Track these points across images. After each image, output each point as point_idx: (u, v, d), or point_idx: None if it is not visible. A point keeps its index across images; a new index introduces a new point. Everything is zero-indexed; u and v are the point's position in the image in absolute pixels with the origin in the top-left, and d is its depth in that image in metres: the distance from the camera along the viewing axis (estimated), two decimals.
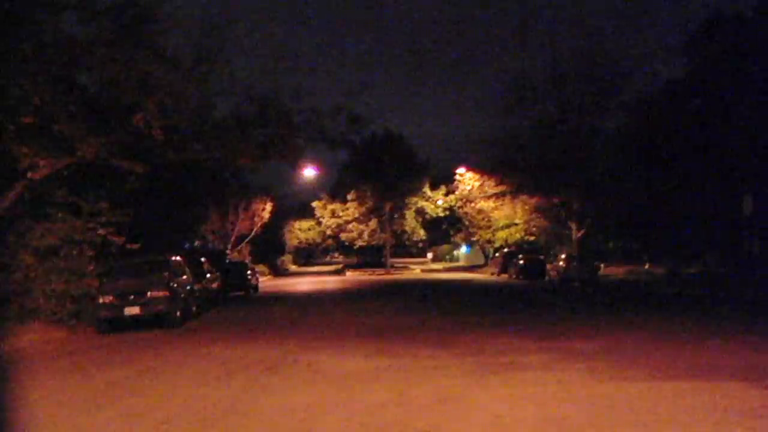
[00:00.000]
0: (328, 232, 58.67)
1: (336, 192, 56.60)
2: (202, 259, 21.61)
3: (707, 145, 28.19)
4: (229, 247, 41.08)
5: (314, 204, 57.55)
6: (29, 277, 15.32)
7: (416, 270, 53.99)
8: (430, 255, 78.23)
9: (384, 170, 51.03)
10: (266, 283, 38.30)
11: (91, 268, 16.62)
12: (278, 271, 56.09)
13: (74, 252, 16.26)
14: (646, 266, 35.23)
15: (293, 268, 69.35)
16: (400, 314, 17.13)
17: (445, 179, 53.83)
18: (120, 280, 15.78)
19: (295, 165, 21.42)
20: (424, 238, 61.29)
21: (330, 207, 56.20)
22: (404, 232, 56.39)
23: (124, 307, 14.95)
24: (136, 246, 17.83)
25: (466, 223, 51.66)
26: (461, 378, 8.22)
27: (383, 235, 53.42)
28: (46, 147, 14.31)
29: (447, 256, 72.84)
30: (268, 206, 45.34)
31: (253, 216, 44.09)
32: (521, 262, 36.06)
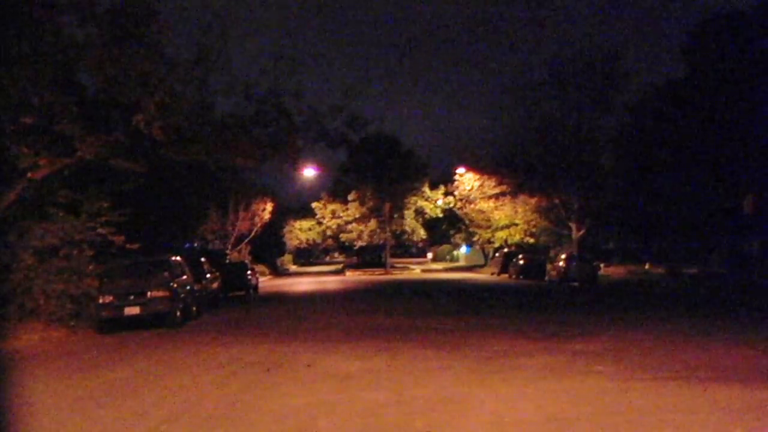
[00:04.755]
0: (329, 232, 58.68)
1: (336, 192, 56.60)
2: (202, 259, 21.60)
3: (707, 145, 28.21)
4: (229, 247, 41.05)
5: (314, 205, 57.58)
6: (29, 277, 15.30)
7: (416, 270, 53.97)
8: (430, 255, 78.19)
9: (383, 170, 51.01)
10: (266, 283, 38.29)
11: (91, 268, 16.60)
12: (278, 271, 56.09)
13: (74, 252, 16.24)
14: (646, 266, 35.23)
15: (293, 268, 69.34)
16: (400, 314, 17.12)
17: (445, 179, 53.81)
18: (120, 280, 15.77)
19: (295, 165, 21.39)
20: (424, 238, 61.27)
21: (330, 207, 56.22)
22: (404, 232, 56.39)
23: (124, 307, 14.94)
24: (136, 246, 17.81)
25: (467, 223, 51.65)
26: (461, 378, 8.22)
27: (383, 235, 53.42)
28: (46, 147, 14.31)
29: (447, 256, 72.80)
30: (268, 206, 45.32)
31: (253, 216, 44.06)
32: (521, 262, 36.05)
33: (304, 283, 38.54)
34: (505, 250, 43.97)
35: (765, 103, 26.63)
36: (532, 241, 44.79)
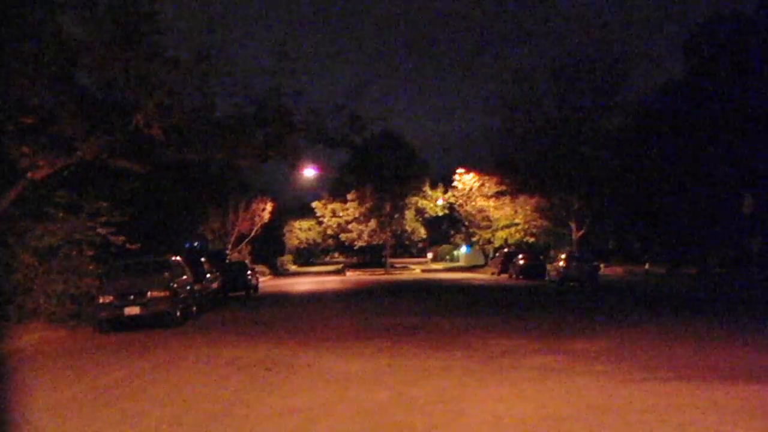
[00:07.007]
0: (329, 231, 58.65)
1: (336, 192, 56.58)
2: (202, 259, 21.59)
3: (707, 145, 28.23)
4: (229, 247, 41.05)
5: (314, 204, 57.55)
6: (29, 277, 15.32)
7: (416, 270, 53.96)
8: (430, 255, 78.20)
9: (384, 170, 51.01)
10: (266, 283, 38.30)
11: (91, 268, 16.61)
12: (278, 271, 56.09)
13: (74, 252, 16.26)
14: (646, 266, 35.25)
15: (293, 268, 69.32)
16: (400, 314, 17.12)
17: (445, 179, 53.82)
18: (120, 280, 15.78)
19: (295, 165, 21.36)
20: (424, 238, 61.24)
21: (330, 207, 56.18)
22: (404, 232, 56.36)
23: (124, 307, 14.94)
24: (136, 246, 17.81)
25: (467, 223, 51.66)
26: (461, 378, 8.22)
27: (383, 235, 53.39)
28: (46, 147, 14.30)
29: (447, 256, 72.82)
30: (268, 206, 45.34)
31: (253, 216, 44.09)
32: (521, 262, 36.04)
33: (304, 283, 38.54)
34: (505, 250, 43.97)
35: (765, 103, 26.65)
36: (532, 239, 44.77)
